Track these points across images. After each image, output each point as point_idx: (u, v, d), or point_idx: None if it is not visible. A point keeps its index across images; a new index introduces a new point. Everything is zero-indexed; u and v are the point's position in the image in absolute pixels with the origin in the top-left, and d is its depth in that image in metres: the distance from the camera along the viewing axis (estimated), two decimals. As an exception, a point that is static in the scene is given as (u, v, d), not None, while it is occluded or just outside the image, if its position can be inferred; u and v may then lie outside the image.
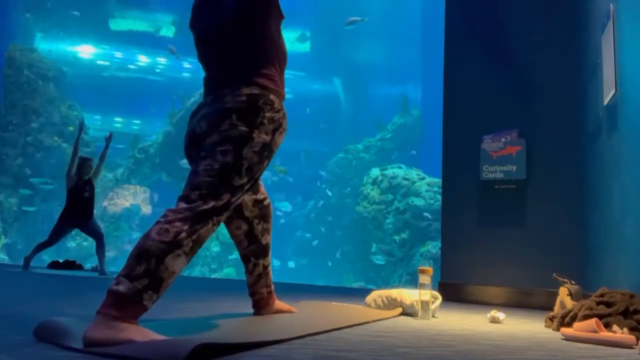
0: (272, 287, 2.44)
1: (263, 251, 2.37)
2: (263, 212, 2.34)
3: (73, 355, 1.37)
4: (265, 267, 2.39)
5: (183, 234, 1.66)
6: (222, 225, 2.23)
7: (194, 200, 1.73)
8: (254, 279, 2.37)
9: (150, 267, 1.59)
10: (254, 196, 2.30)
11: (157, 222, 1.68)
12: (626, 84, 2.82)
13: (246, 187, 1.87)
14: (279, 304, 2.47)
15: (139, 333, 1.51)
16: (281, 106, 2.00)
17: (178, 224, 1.67)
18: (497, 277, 3.94)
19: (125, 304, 1.54)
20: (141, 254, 1.60)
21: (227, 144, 1.82)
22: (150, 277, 1.58)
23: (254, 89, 1.91)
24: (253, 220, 2.31)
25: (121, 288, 1.55)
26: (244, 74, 1.94)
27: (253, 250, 2.34)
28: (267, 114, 1.90)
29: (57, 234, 5.93)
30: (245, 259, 2.36)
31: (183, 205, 1.73)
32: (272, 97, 1.95)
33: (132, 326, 1.53)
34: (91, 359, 1.35)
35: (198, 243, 1.71)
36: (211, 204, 1.74)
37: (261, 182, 2.35)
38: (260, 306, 2.40)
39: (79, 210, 5.96)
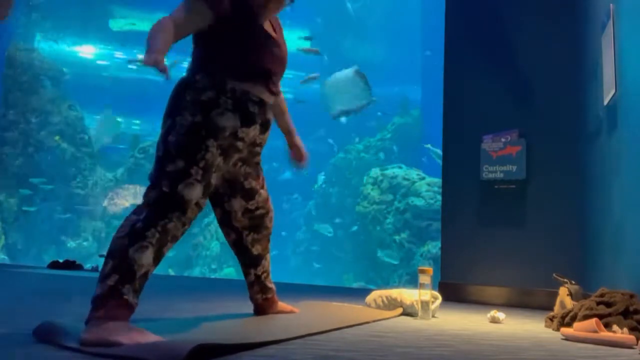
0: (270, 295, 2.39)
1: (253, 261, 2.31)
2: (254, 222, 2.23)
3: (72, 355, 1.37)
4: (258, 277, 2.33)
5: (139, 224, 1.69)
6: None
7: (144, 197, 1.81)
8: (248, 284, 2.37)
9: (115, 263, 1.64)
10: (245, 204, 2.19)
11: None
12: (626, 84, 2.82)
13: (192, 172, 1.80)
14: (281, 305, 2.46)
15: (129, 334, 1.51)
16: (216, 85, 1.91)
17: (133, 216, 1.74)
18: (497, 277, 3.93)
19: (104, 302, 1.58)
20: (107, 256, 1.68)
21: (159, 143, 1.89)
22: (118, 272, 1.62)
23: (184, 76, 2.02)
24: (242, 231, 2.23)
25: (97, 291, 1.61)
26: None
27: (243, 260, 2.32)
28: (188, 97, 1.90)
29: None
30: (240, 263, 2.36)
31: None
32: (198, 77, 1.94)
33: (124, 327, 1.53)
34: (91, 359, 1.35)
35: (167, 234, 1.72)
36: (156, 193, 1.77)
37: (262, 192, 2.24)
38: (257, 310, 2.40)
39: None
